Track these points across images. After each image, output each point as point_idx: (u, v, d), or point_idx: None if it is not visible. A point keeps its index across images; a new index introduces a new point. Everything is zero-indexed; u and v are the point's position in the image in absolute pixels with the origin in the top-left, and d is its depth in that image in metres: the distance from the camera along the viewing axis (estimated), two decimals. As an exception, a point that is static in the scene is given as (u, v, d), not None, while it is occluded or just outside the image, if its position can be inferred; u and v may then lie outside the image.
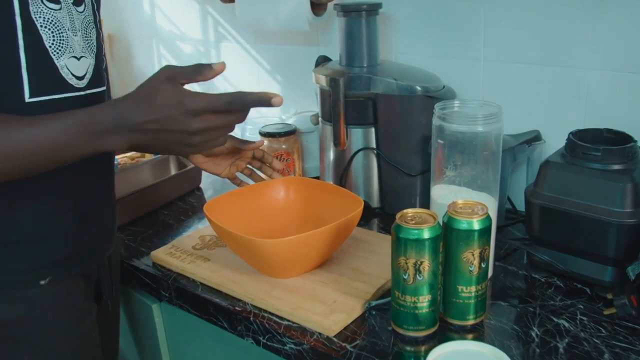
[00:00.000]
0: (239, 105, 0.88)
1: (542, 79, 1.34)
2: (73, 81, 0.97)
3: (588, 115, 1.29)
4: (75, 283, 1.06)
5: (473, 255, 0.95)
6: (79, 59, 0.97)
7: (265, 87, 1.85)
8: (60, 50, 0.94)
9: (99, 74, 1.04)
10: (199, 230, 1.33)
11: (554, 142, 1.33)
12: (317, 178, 1.56)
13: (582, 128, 1.16)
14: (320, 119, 1.46)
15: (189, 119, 0.86)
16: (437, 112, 1.08)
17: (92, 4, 1.04)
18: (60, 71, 0.94)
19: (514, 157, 1.30)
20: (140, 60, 2.24)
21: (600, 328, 0.98)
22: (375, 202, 1.43)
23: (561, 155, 1.13)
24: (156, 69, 0.91)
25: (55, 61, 0.94)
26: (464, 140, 1.07)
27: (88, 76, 1.00)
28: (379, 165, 1.40)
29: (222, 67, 0.91)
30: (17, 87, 0.89)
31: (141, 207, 1.48)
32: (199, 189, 1.65)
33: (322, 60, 1.49)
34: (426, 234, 0.91)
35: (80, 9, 0.99)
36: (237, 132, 1.88)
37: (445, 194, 1.11)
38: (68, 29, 0.95)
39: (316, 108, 1.57)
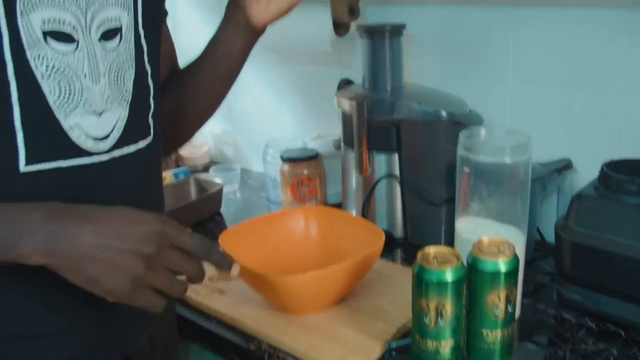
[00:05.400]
0: (203, 250, 0.75)
1: (573, 103, 1.28)
2: (88, 144, 0.76)
3: (622, 142, 1.23)
4: None
5: (499, 298, 0.89)
6: (99, 115, 0.77)
7: (288, 108, 1.82)
8: (68, 106, 0.74)
9: (138, 127, 0.84)
10: (215, 260, 1.29)
11: (586, 171, 1.27)
12: (339, 205, 1.51)
13: (617, 158, 1.10)
14: (342, 143, 1.42)
15: (148, 235, 0.69)
16: (462, 141, 1.03)
17: (138, 33, 0.83)
18: (69, 133, 0.74)
19: (544, 187, 1.24)
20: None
21: (636, 376, 0.92)
22: (398, 232, 1.38)
23: (594, 187, 1.08)
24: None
25: (62, 121, 0.74)
26: (490, 172, 1.01)
27: (115, 134, 0.79)
28: (403, 193, 1.34)
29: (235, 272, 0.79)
30: (10, 154, 0.71)
31: (158, 234, 1.44)
32: (219, 214, 1.62)
33: (345, 83, 1.45)
34: (449, 276, 0.86)
35: (112, 44, 0.78)
36: (259, 154, 1.84)
37: (471, 227, 1.05)
38: (85, 76, 0.75)
39: (339, 131, 1.53)
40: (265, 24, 0.97)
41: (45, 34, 0.71)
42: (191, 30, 1.91)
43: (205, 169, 1.95)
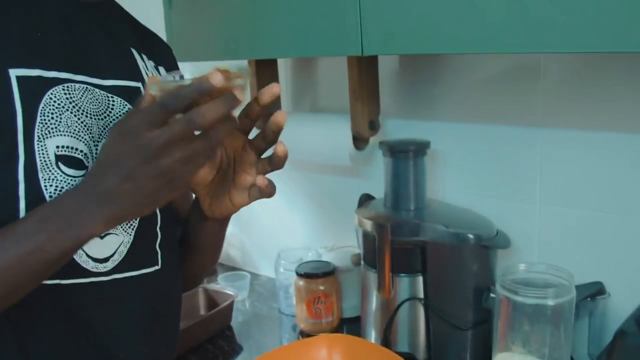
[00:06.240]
0: (171, 101, 0.66)
1: (604, 226, 1.24)
2: (89, 264, 0.78)
3: (657, 268, 1.19)
4: None
5: None
6: (102, 237, 0.79)
7: (299, 215, 1.76)
8: None
9: (143, 254, 0.86)
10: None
11: (619, 296, 1.22)
12: (357, 318, 1.46)
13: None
14: (362, 262, 1.37)
15: (134, 140, 0.66)
16: (501, 279, 0.99)
17: None
18: None
19: (577, 313, 1.18)
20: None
21: None
22: (421, 354, 1.31)
23: (635, 322, 1.03)
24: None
25: None
26: (531, 312, 0.97)
27: (117, 257, 0.81)
28: (427, 316, 1.29)
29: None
30: None
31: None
32: (230, 328, 1.55)
33: (366, 199, 1.41)
34: None
35: None
36: (267, 258, 1.78)
37: (509, 368, 1.00)
38: None
39: (354, 241, 1.48)
40: (219, 217, 0.93)
41: (58, 159, 0.75)
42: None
43: (211, 272, 1.89)
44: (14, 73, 0.73)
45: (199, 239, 0.98)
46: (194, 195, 0.92)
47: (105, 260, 0.80)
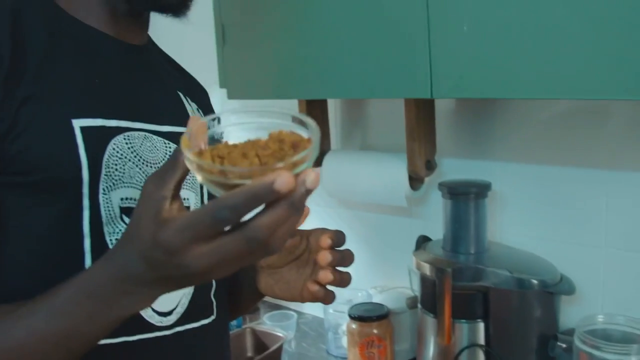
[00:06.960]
0: (229, 214, 0.52)
1: (674, 273, 1.19)
2: (154, 319, 0.76)
3: None
4: None
5: None
6: None
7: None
8: None
9: (201, 304, 0.83)
10: None
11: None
12: (411, 363, 1.42)
13: None
14: (420, 307, 1.33)
15: (176, 260, 0.55)
16: (579, 333, 0.95)
17: None
18: None
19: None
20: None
21: None
22: (482, 405, 1.27)
23: None
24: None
25: None
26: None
27: (179, 310, 0.79)
28: (488, 363, 1.25)
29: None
30: None
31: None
32: (279, 371, 1.51)
33: (423, 241, 1.37)
34: None
35: None
36: (317, 305, 1.74)
37: None
38: None
39: (406, 282, 1.45)
40: (268, 295, 0.90)
41: (122, 211, 0.73)
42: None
43: (255, 309, 1.86)
44: (77, 124, 0.71)
45: (237, 298, 0.97)
46: None
47: (169, 313, 0.78)
